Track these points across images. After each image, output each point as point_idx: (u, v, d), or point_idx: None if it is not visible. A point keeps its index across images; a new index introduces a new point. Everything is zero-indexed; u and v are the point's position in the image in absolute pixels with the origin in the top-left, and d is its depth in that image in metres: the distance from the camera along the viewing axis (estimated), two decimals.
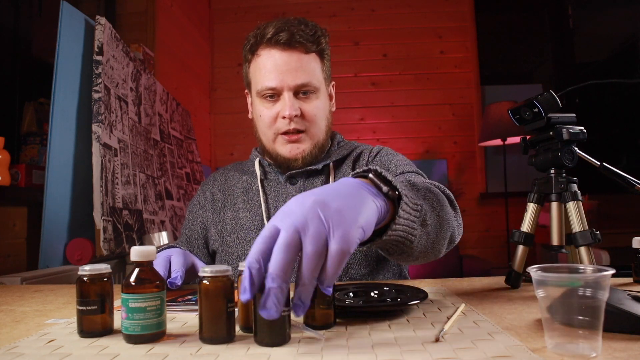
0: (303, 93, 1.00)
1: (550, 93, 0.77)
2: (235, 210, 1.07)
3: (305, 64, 0.99)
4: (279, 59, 0.98)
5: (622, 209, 2.96)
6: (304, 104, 1.00)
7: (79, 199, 1.46)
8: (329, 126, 1.08)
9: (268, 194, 1.06)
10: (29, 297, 0.84)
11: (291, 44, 0.98)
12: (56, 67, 1.39)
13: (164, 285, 0.55)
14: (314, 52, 1.01)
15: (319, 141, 1.04)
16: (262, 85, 1.00)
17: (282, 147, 1.01)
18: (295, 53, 0.99)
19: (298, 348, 0.50)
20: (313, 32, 1.01)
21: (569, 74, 3.50)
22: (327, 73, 1.07)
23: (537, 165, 0.82)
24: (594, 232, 0.75)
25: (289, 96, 0.98)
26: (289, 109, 0.97)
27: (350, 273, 0.99)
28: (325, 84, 1.06)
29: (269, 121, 1.01)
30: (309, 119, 1.00)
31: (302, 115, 0.99)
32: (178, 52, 2.69)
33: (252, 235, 1.02)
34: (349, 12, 3.44)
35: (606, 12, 3.58)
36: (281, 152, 1.02)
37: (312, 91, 1.01)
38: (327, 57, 1.06)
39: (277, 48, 0.98)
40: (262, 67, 1.00)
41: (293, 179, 1.06)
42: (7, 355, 0.50)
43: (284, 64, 0.98)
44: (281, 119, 0.99)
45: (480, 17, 3.45)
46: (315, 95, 1.02)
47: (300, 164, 1.02)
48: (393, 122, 3.39)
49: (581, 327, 0.45)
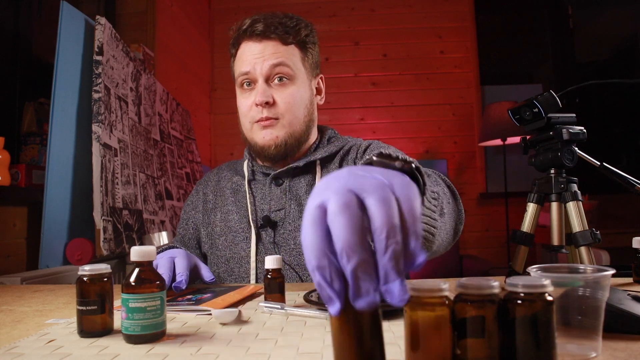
0: (278, 79, 0.99)
1: (550, 93, 0.77)
2: (225, 212, 1.06)
3: (280, 52, 0.99)
4: (254, 48, 0.99)
5: (622, 209, 2.96)
6: (277, 91, 0.99)
7: (79, 199, 1.46)
8: (310, 118, 1.04)
9: (255, 196, 1.05)
10: (29, 297, 0.84)
11: (266, 34, 0.99)
12: (56, 67, 1.39)
13: (164, 285, 0.55)
14: (293, 44, 1.01)
15: (296, 131, 1.01)
16: (239, 71, 1.01)
17: (257, 134, 1.00)
18: (271, 43, 0.99)
19: (298, 348, 0.50)
20: (294, 24, 1.01)
21: (569, 74, 3.49)
22: (312, 64, 1.05)
23: (537, 165, 0.82)
24: (594, 232, 0.75)
25: (261, 82, 0.98)
26: (260, 95, 0.97)
27: None
28: (306, 74, 1.04)
29: (245, 110, 1.01)
30: (282, 106, 0.99)
31: (275, 103, 0.98)
32: (178, 52, 2.69)
33: (240, 237, 1.01)
34: (349, 12, 3.44)
35: (606, 12, 3.58)
36: (257, 140, 1.01)
37: (288, 78, 0.99)
38: (311, 50, 1.05)
39: (253, 39, 1.00)
40: (240, 57, 1.02)
41: (278, 179, 1.04)
42: (7, 355, 0.50)
43: (258, 52, 0.99)
44: (255, 106, 0.99)
45: (480, 17, 3.44)
46: (291, 83, 1.00)
47: (274, 151, 0.99)
48: (393, 122, 3.39)
49: (581, 327, 0.45)
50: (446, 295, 0.38)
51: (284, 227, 0.99)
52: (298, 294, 0.78)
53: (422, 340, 0.38)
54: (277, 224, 1.00)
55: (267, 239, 1.00)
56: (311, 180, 1.02)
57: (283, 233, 0.99)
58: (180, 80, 2.71)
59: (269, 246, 0.99)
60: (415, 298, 0.38)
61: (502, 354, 0.39)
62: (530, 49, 3.69)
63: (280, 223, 1.00)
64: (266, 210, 1.02)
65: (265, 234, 1.00)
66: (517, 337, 0.38)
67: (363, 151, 1.04)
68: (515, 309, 0.38)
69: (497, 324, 0.38)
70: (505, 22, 3.70)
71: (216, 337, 0.55)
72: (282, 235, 0.99)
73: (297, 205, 1.00)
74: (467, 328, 0.38)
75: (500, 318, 0.38)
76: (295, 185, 1.02)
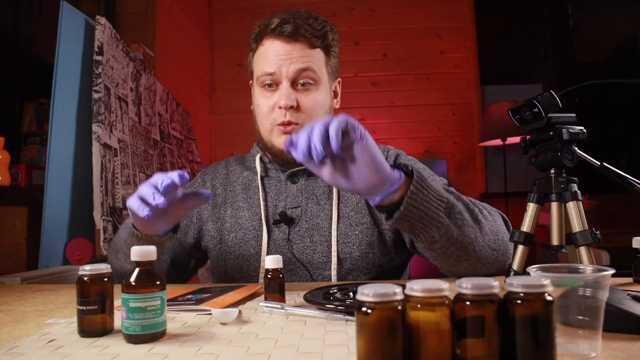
0: (302, 85, 0.98)
1: (550, 93, 0.77)
2: (235, 208, 1.05)
3: (307, 55, 0.98)
4: (280, 49, 0.97)
5: (622, 209, 2.96)
6: (302, 95, 0.98)
7: (79, 199, 1.46)
8: None
9: (268, 192, 1.04)
10: (29, 297, 0.84)
11: (295, 36, 0.97)
12: (56, 67, 1.39)
13: (164, 285, 0.55)
14: (319, 47, 1.00)
15: None
16: (262, 70, 0.99)
17: (277, 138, 1.00)
18: (299, 45, 0.97)
19: (298, 348, 0.50)
20: (321, 26, 1.00)
21: (569, 74, 3.49)
22: (333, 69, 1.05)
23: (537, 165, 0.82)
24: (594, 232, 0.75)
25: (286, 86, 0.97)
26: (285, 99, 0.96)
27: (349, 279, 0.98)
28: (329, 79, 1.04)
29: (266, 111, 1.00)
30: (306, 111, 0.98)
31: (299, 107, 0.98)
32: (178, 52, 2.69)
33: (251, 235, 1.01)
34: (349, 12, 3.44)
35: (606, 12, 3.58)
36: (276, 144, 1.00)
37: (312, 83, 0.99)
38: (334, 54, 1.05)
39: (280, 39, 0.98)
40: (263, 54, 1.00)
41: (294, 177, 1.04)
42: (7, 355, 0.50)
43: (285, 54, 0.97)
44: (278, 109, 0.98)
45: (480, 17, 3.44)
46: (315, 88, 1.00)
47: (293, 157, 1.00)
48: (393, 122, 3.39)
49: (581, 327, 0.45)
50: (446, 295, 0.38)
51: (300, 225, 1.00)
52: (298, 294, 0.78)
53: (422, 340, 0.38)
54: (294, 221, 1.00)
55: (280, 236, 1.00)
56: None
57: (299, 230, 0.99)
58: (180, 80, 2.71)
59: (282, 243, 0.99)
60: (415, 298, 0.38)
61: (502, 354, 0.39)
62: (530, 49, 3.69)
63: (297, 220, 1.00)
64: (281, 207, 1.02)
65: (279, 230, 1.00)
66: (517, 337, 0.38)
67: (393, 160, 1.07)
68: (515, 309, 0.38)
69: (497, 324, 0.38)
70: (505, 22, 3.70)
71: (216, 337, 0.55)
72: (298, 233, 0.99)
73: (314, 204, 1.01)
74: (467, 328, 0.38)
75: (500, 318, 0.38)
76: (312, 185, 1.03)
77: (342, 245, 0.98)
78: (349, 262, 0.97)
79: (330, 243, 0.98)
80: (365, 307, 0.38)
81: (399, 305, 0.38)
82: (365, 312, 0.37)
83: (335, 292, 0.73)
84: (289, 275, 0.99)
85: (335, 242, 0.97)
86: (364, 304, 0.38)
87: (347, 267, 0.97)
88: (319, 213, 1.00)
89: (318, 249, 0.98)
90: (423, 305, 0.38)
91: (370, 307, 0.37)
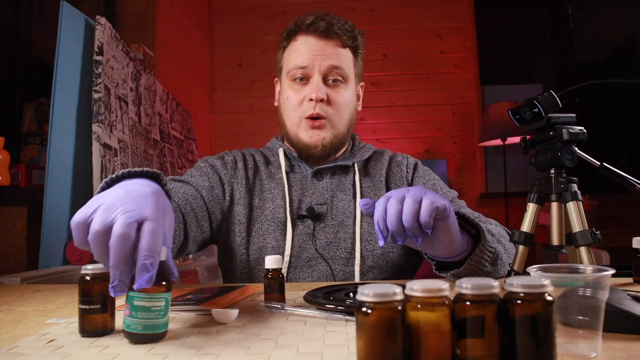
0: (332, 81, 1.01)
1: (550, 93, 0.77)
2: (262, 199, 1.04)
3: (340, 55, 1.02)
4: (314, 44, 1.01)
5: (622, 209, 2.96)
6: (332, 91, 1.02)
7: (79, 199, 1.46)
8: (352, 122, 1.08)
9: (292, 187, 1.05)
10: (29, 297, 0.84)
11: (328, 34, 1.00)
12: (56, 67, 1.39)
13: (171, 287, 0.55)
14: (349, 47, 1.04)
15: (340, 132, 1.04)
16: (294, 64, 1.01)
17: (304, 132, 1.02)
18: (331, 43, 1.01)
19: (298, 348, 0.50)
20: (352, 29, 1.04)
21: (569, 74, 3.49)
22: (359, 71, 1.09)
23: (537, 165, 0.82)
24: (594, 232, 0.75)
25: (317, 79, 1.00)
26: (316, 91, 0.98)
27: (369, 277, 0.99)
28: (355, 81, 1.07)
29: (295, 104, 1.02)
30: (335, 106, 1.01)
31: (329, 101, 1.01)
32: (178, 52, 2.69)
33: (272, 227, 1.00)
34: (349, 12, 3.44)
35: (606, 12, 3.58)
36: (302, 137, 1.02)
37: (341, 80, 1.02)
38: (361, 56, 1.08)
39: (314, 35, 1.01)
40: (296, 49, 1.02)
41: (320, 174, 1.06)
42: (7, 355, 0.50)
43: (318, 49, 1.00)
44: (307, 101, 1.00)
45: (480, 17, 3.45)
46: (344, 86, 1.03)
47: (320, 151, 1.02)
48: (393, 122, 3.39)
49: (581, 327, 0.45)
50: (446, 295, 0.38)
51: (325, 221, 1.02)
52: (298, 294, 0.78)
53: (422, 340, 0.38)
54: (320, 216, 1.02)
55: (304, 231, 1.01)
56: (352, 180, 1.06)
57: (324, 227, 1.01)
58: (180, 80, 2.71)
59: (305, 238, 1.00)
60: (415, 298, 0.38)
61: (502, 354, 0.39)
62: (530, 49, 3.69)
63: (323, 216, 1.02)
64: (306, 202, 1.03)
65: (302, 225, 1.01)
66: (517, 337, 0.38)
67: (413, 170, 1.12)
68: (515, 309, 0.38)
69: (497, 324, 0.38)
70: (505, 22, 3.70)
71: (216, 337, 0.55)
72: (323, 229, 1.01)
73: (339, 201, 1.04)
74: (467, 328, 0.38)
75: (500, 318, 0.38)
76: (337, 182, 1.06)
77: (364, 243, 1.00)
78: (370, 259, 0.99)
79: (354, 240, 1.00)
80: (365, 307, 0.38)
81: (399, 305, 0.38)
82: (365, 312, 0.37)
83: (336, 292, 0.73)
84: (310, 271, 0.99)
85: (359, 239, 1.00)
86: (364, 304, 0.38)
87: (368, 264, 0.99)
88: (344, 210, 1.03)
89: (342, 246, 1.00)
90: (423, 305, 0.38)
91: (370, 307, 0.37)
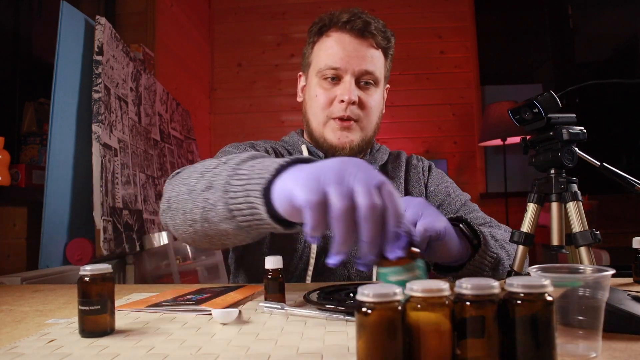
0: (365, 83, 0.99)
1: (550, 93, 0.77)
2: None
3: (375, 57, 0.99)
4: (349, 44, 0.98)
5: (622, 209, 2.96)
6: (363, 93, 0.99)
7: (79, 199, 1.46)
8: (379, 125, 1.07)
9: None
10: (29, 297, 0.84)
11: (364, 33, 0.98)
12: (56, 67, 1.39)
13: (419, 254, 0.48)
14: (382, 49, 1.01)
15: (368, 135, 1.02)
16: (326, 63, 0.98)
17: (331, 132, 0.99)
18: (366, 42, 0.98)
19: (298, 348, 0.50)
20: (384, 29, 1.02)
21: (569, 74, 3.49)
22: (387, 73, 1.07)
23: (537, 166, 0.82)
24: (594, 232, 0.75)
25: (350, 81, 0.97)
26: (349, 93, 0.96)
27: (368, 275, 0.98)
28: (383, 82, 1.05)
29: (324, 103, 0.99)
30: (365, 109, 0.99)
31: (361, 103, 0.98)
32: (178, 52, 2.69)
33: None
34: None
35: (606, 12, 3.58)
36: (329, 138, 1.00)
37: (373, 83, 1.00)
38: (391, 58, 1.06)
39: (350, 34, 0.98)
40: (329, 47, 0.99)
41: None
42: (7, 355, 0.50)
43: (353, 50, 0.97)
44: (338, 102, 0.97)
45: (480, 17, 3.44)
46: (375, 89, 1.01)
47: (347, 154, 0.99)
48: (393, 122, 3.39)
49: (581, 328, 0.45)
50: (446, 295, 0.38)
51: None
52: (298, 294, 0.78)
53: (422, 341, 0.38)
54: None
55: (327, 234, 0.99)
56: None
57: None
58: (180, 80, 2.71)
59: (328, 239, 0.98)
60: (415, 298, 0.38)
61: (502, 354, 0.39)
62: (530, 49, 3.69)
63: None
64: None
65: None
66: (517, 337, 0.38)
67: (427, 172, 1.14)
68: (515, 309, 0.38)
69: (497, 324, 0.38)
70: (505, 22, 3.70)
71: (216, 337, 0.55)
72: None
73: None
74: (467, 328, 0.38)
75: (500, 318, 0.38)
76: None
77: None
78: None
79: None
80: (365, 307, 0.38)
81: (399, 306, 0.38)
82: (365, 312, 0.37)
83: (336, 292, 0.73)
84: (327, 273, 0.97)
85: None
86: (364, 304, 0.38)
87: None
88: None
89: None
90: (423, 306, 0.38)
91: (370, 307, 0.37)
